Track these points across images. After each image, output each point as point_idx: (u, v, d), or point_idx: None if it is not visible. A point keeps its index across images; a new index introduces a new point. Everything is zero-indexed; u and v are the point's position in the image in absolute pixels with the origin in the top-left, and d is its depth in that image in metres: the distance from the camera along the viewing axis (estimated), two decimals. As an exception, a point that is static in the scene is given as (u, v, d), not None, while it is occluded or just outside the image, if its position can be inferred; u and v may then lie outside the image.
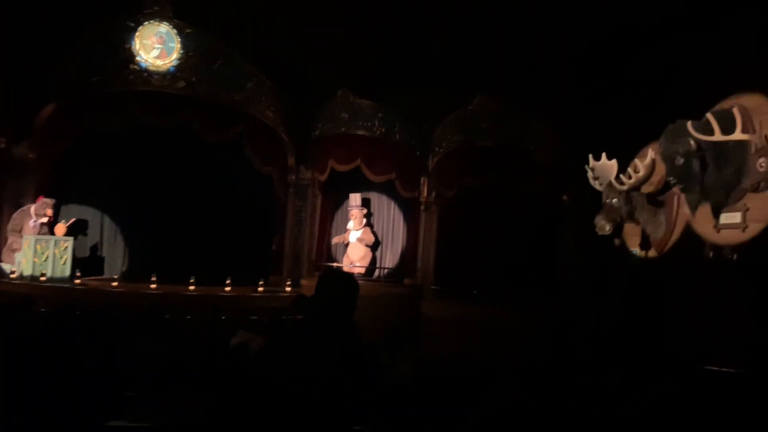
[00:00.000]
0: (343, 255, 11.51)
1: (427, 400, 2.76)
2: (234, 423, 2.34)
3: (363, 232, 11.32)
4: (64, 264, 9.96)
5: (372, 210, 11.76)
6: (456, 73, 9.64)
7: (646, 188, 7.04)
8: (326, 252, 11.84)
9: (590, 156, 7.51)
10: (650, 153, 6.87)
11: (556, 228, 9.96)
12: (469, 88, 9.84)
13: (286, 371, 2.29)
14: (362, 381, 2.35)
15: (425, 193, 10.78)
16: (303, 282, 10.76)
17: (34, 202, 10.16)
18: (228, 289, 10.00)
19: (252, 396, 2.36)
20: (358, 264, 11.14)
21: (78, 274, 9.97)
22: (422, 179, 10.76)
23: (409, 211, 11.32)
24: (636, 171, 6.92)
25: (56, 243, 9.94)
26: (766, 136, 5.64)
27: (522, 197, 9.87)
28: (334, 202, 12.00)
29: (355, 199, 11.44)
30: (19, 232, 10.06)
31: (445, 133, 10.37)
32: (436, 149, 10.52)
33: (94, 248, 11.93)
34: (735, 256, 5.96)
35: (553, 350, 7.46)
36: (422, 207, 10.86)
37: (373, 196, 11.78)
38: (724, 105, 6.04)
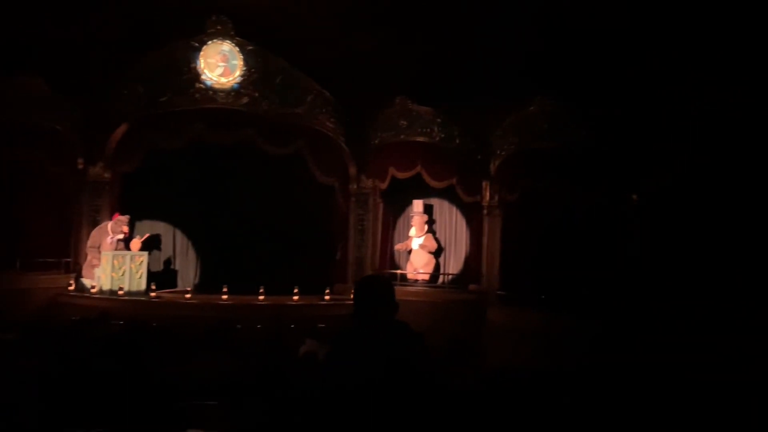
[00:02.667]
0: (406, 262, 11.50)
1: (491, 412, 2.70)
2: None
3: (425, 239, 11.27)
4: (140, 278, 10.33)
5: (434, 216, 11.70)
6: (516, 74, 9.50)
7: None
8: (389, 259, 11.85)
9: None
10: None
11: (625, 230, 9.58)
12: (529, 88, 9.67)
13: (345, 381, 2.30)
14: (422, 391, 2.33)
15: (487, 198, 10.63)
16: (368, 290, 10.77)
17: (110, 219, 10.60)
18: (296, 298, 10.17)
19: (315, 406, 2.38)
20: (421, 271, 11.10)
21: (153, 287, 10.31)
22: (484, 183, 10.62)
23: (472, 215, 11.19)
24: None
25: (132, 258, 10.32)
26: None
27: (588, 198, 9.57)
28: (396, 210, 12.01)
29: (417, 205, 11.42)
30: (98, 248, 10.46)
31: (506, 136, 10.22)
32: (498, 152, 10.37)
33: (168, 262, 12.37)
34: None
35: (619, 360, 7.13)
36: (485, 211, 10.71)
37: (435, 202, 11.72)
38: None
